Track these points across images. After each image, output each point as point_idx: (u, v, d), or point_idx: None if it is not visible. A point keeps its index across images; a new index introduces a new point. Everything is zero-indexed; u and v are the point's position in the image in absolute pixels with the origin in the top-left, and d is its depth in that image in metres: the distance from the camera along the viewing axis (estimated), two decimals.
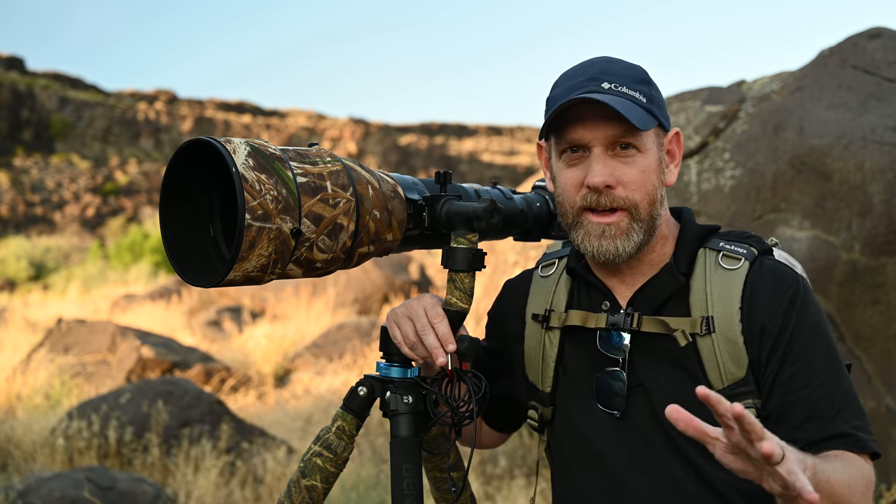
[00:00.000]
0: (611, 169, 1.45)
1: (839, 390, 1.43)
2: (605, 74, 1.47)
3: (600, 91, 1.45)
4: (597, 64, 1.50)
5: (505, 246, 6.57)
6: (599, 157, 1.46)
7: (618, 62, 1.51)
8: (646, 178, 1.47)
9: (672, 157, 1.55)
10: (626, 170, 1.46)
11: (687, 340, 1.46)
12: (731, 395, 1.44)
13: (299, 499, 1.53)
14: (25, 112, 62.06)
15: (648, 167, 1.47)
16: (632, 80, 1.48)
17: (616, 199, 1.46)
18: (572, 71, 1.52)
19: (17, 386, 7.94)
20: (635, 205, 1.46)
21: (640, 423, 1.51)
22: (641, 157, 1.47)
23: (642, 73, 1.51)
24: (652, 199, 1.48)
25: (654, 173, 1.48)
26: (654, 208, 1.49)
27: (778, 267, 1.50)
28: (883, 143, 4.45)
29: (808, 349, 1.44)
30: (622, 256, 1.48)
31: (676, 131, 1.55)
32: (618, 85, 1.46)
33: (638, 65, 1.53)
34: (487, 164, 74.83)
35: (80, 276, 25.34)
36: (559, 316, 1.59)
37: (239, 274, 1.31)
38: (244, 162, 1.29)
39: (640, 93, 1.47)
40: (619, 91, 1.45)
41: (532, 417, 1.67)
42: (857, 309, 4.37)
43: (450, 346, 1.49)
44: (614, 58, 1.53)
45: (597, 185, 1.45)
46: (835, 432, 1.40)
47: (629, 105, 1.44)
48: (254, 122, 72.89)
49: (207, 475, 5.31)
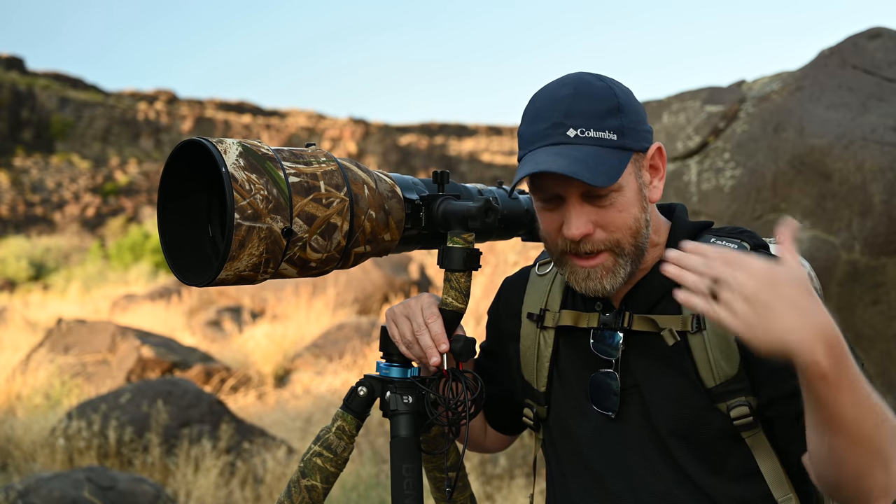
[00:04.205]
0: (587, 216, 1.43)
1: None
2: (569, 118, 1.41)
3: (565, 141, 1.40)
4: (563, 102, 1.43)
5: (505, 246, 6.57)
6: (575, 207, 1.43)
7: (584, 93, 1.43)
8: (626, 216, 1.44)
9: (655, 171, 1.50)
10: (604, 213, 1.43)
11: (675, 339, 1.46)
12: (724, 393, 1.43)
13: (299, 499, 1.53)
14: (25, 112, 62.10)
15: (627, 203, 1.44)
16: (599, 117, 1.42)
17: (596, 243, 1.44)
18: (539, 104, 1.46)
19: (17, 386, 7.95)
20: (617, 243, 1.44)
21: (633, 423, 1.50)
22: (619, 196, 1.43)
23: (612, 100, 1.43)
24: (635, 232, 1.45)
25: (635, 205, 1.45)
26: (639, 238, 1.46)
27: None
28: (883, 143, 4.45)
29: None
30: (611, 293, 1.47)
31: (658, 146, 1.50)
32: (584, 130, 1.41)
33: (608, 87, 1.45)
34: (487, 164, 74.84)
35: (80, 276, 25.35)
36: (553, 315, 1.59)
37: (230, 273, 1.31)
38: (235, 162, 1.30)
39: (609, 130, 1.41)
40: (586, 137, 1.40)
41: (528, 416, 1.67)
42: (857, 309, 4.37)
43: (442, 345, 1.48)
44: (582, 83, 1.45)
45: (573, 237, 1.43)
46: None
47: (596, 156, 1.39)
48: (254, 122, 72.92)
49: (207, 475, 5.31)
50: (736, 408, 1.42)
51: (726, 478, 1.45)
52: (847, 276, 4.37)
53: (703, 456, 1.46)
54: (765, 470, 1.44)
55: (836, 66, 4.94)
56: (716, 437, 1.45)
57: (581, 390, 1.55)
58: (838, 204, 4.44)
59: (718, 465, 1.45)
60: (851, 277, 4.37)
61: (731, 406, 1.42)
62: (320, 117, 76.65)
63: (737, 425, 1.43)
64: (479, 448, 1.84)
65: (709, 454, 1.46)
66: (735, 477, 1.45)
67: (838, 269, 4.37)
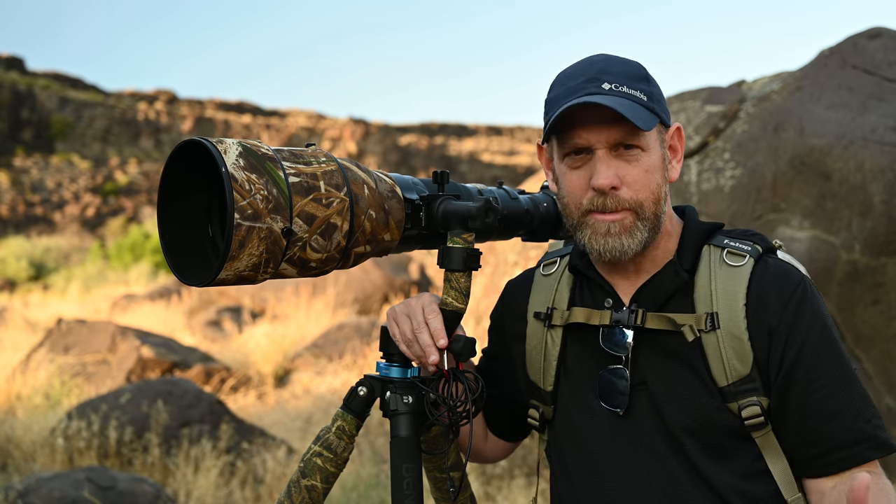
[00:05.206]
0: (615, 170, 1.45)
1: (856, 391, 1.43)
2: (604, 74, 1.46)
3: (601, 92, 1.44)
4: (595, 63, 1.49)
5: (505, 246, 6.57)
6: (603, 159, 1.45)
7: (616, 60, 1.50)
8: (650, 178, 1.46)
9: (674, 152, 1.54)
10: (631, 170, 1.45)
11: (695, 335, 1.46)
12: (735, 392, 1.44)
13: (299, 499, 1.53)
14: (25, 112, 62.08)
15: (652, 166, 1.47)
16: (631, 78, 1.47)
17: (621, 200, 1.45)
18: (570, 71, 1.50)
19: (17, 386, 7.94)
20: (640, 204, 1.46)
21: (642, 420, 1.50)
22: (645, 157, 1.46)
23: (641, 70, 1.50)
24: (656, 198, 1.47)
25: (658, 171, 1.48)
26: (659, 206, 1.48)
27: (783, 266, 1.49)
28: (883, 143, 4.45)
29: (821, 352, 1.43)
30: (628, 254, 1.47)
31: (678, 126, 1.54)
32: (618, 85, 1.45)
33: (636, 61, 1.52)
34: (487, 164, 74.83)
35: (80, 276, 25.34)
36: (562, 314, 1.59)
37: (230, 273, 1.31)
38: (235, 162, 1.29)
39: (640, 91, 1.46)
40: (620, 91, 1.44)
41: (532, 417, 1.66)
42: (857, 309, 4.37)
43: (440, 341, 1.48)
44: (612, 55, 1.51)
45: (602, 186, 1.44)
46: (861, 434, 1.41)
47: (631, 105, 1.43)
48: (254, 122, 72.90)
49: (207, 475, 5.31)
50: (747, 407, 1.43)
51: (736, 475, 1.45)
52: (847, 276, 4.37)
53: (712, 453, 1.46)
54: (774, 470, 1.45)
55: (836, 66, 4.93)
56: (726, 436, 1.45)
57: (589, 387, 1.55)
58: (838, 204, 4.44)
59: (728, 463, 1.46)
60: (851, 277, 4.37)
61: (743, 406, 1.43)
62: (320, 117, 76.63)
63: (748, 425, 1.44)
64: (479, 457, 1.83)
65: (718, 451, 1.46)
66: (745, 475, 1.45)
67: (838, 269, 4.37)
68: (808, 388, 1.42)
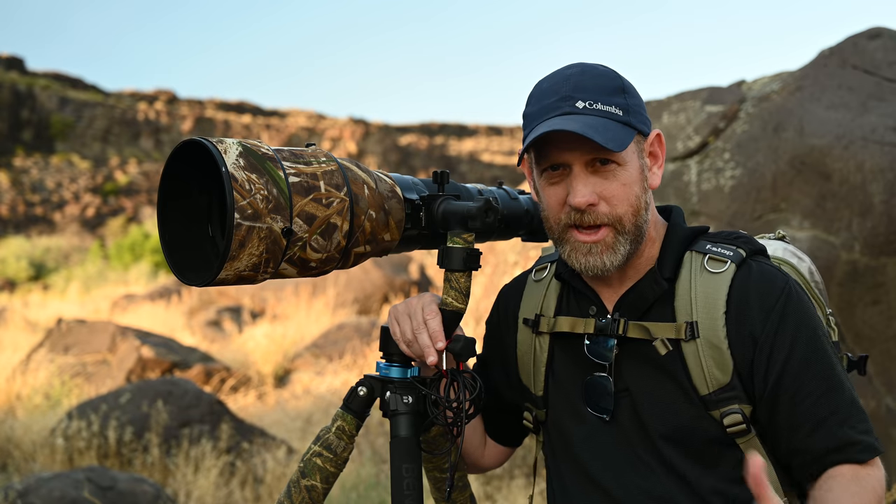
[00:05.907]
0: (592, 186, 1.44)
1: (843, 396, 1.42)
2: (578, 91, 1.45)
3: (574, 112, 1.43)
4: (570, 79, 1.47)
5: (505, 246, 6.57)
6: (580, 176, 1.45)
7: (591, 72, 1.48)
8: (628, 191, 1.45)
9: (655, 158, 1.53)
10: (608, 185, 1.45)
11: (667, 349, 1.46)
12: (717, 400, 1.43)
13: (299, 499, 1.53)
14: (25, 112, 62.10)
15: (629, 179, 1.46)
16: (606, 92, 1.45)
17: (600, 215, 1.45)
18: (546, 86, 1.49)
19: (17, 386, 7.94)
20: (619, 218, 1.45)
21: (626, 425, 1.51)
22: (622, 171, 1.45)
23: (617, 81, 1.48)
24: (636, 210, 1.46)
25: (637, 183, 1.47)
26: (639, 217, 1.47)
27: (766, 270, 1.47)
28: (883, 143, 4.45)
29: (807, 360, 1.42)
30: (610, 270, 1.47)
31: (657, 133, 1.53)
32: (592, 102, 1.44)
33: (612, 71, 1.50)
34: (487, 164, 74.83)
35: (80, 276, 25.35)
36: (548, 321, 1.60)
37: (230, 273, 1.31)
38: (235, 162, 1.29)
39: (615, 105, 1.45)
40: (594, 109, 1.43)
41: (528, 419, 1.68)
42: (857, 309, 4.37)
43: (439, 342, 1.48)
44: (588, 66, 1.49)
45: (578, 205, 1.44)
46: (845, 440, 1.40)
47: (605, 124, 1.42)
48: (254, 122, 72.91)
49: (207, 475, 5.31)
50: (729, 415, 1.43)
51: (722, 480, 1.45)
52: (847, 276, 4.37)
53: (696, 459, 1.46)
54: None
55: (836, 66, 4.94)
56: (708, 443, 1.45)
57: (576, 393, 1.56)
58: (838, 204, 4.44)
59: (713, 468, 1.46)
60: (851, 277, 4.37)
61: (725, 413, 1.43)
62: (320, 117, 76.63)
63: (730, 433, 1.43)
64: (476, 467, 1.82)
65: (702, 458, 1.46)
66: (731, 480, 1.45)
67: (838, 269, 4.37)
68: (795, 398, 1.41)
